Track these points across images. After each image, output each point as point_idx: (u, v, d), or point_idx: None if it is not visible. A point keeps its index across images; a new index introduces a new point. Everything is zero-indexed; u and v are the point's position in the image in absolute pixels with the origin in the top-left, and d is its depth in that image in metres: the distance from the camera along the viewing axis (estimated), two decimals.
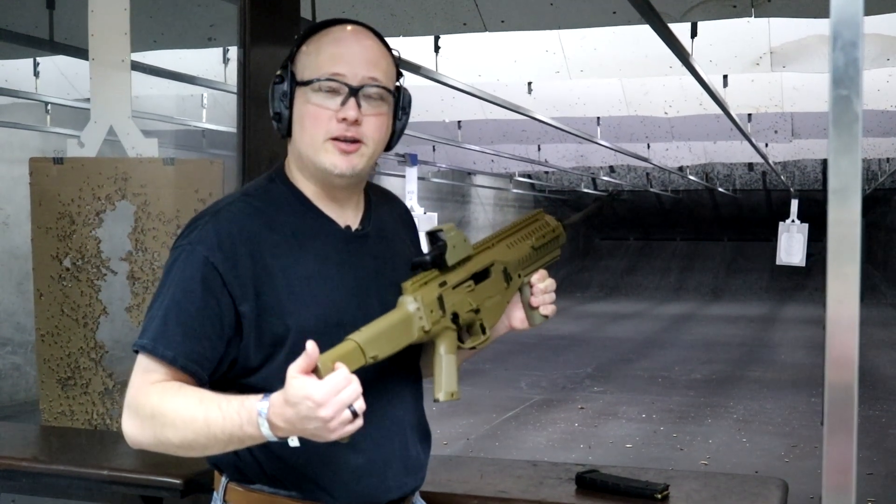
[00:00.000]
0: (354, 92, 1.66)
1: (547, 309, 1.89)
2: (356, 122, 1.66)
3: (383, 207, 1.86)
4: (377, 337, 1.57)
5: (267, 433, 1.49)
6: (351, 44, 1.69)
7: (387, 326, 1.60)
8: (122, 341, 3.49)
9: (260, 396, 1.50)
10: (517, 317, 1.90)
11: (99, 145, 3.59)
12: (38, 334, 3.56)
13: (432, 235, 1.73)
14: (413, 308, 1.65)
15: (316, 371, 1.46)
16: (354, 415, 1.46)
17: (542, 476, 2.63)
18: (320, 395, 1.43)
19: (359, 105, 1.66)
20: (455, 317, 1.72)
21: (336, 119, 1.66)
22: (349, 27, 1.72)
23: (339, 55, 1.67)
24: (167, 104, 8.80)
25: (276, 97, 1.70)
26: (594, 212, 2.08)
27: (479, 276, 1.78)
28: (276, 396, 1.47)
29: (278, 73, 1.72)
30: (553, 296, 1.90)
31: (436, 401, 1.73)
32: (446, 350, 1.71)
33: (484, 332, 1.79)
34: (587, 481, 2.50)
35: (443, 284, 1.71)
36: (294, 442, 1.50)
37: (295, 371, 1.45)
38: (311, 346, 1.45)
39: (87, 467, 2.90)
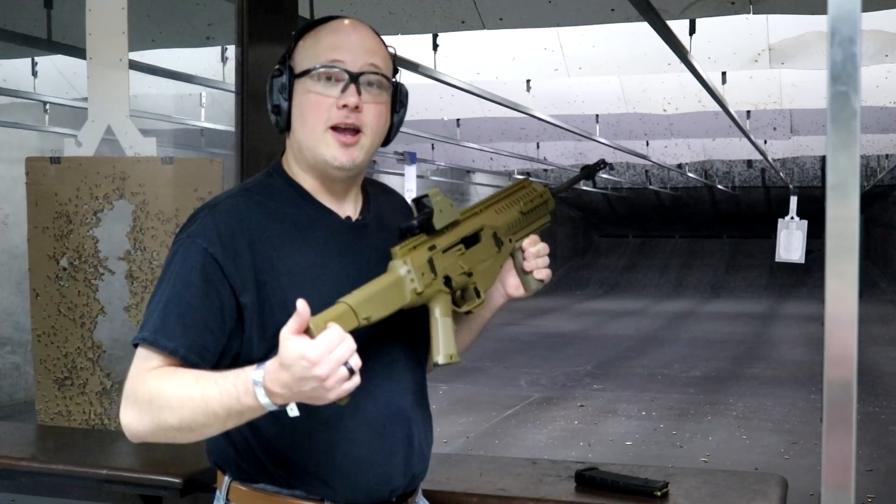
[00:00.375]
0: (355, 78, 1.66)
1: (541, 273, 1.88)
2: (357, 109, 1.66)
3: (382, 199, 1.86)
4: (369, 298, 1.57)
5: (265, 401, 1.47)
6: (349, 33, 1.70)
7: (378, 289, 1.60)
8: (121, 340, 3.49)
9: (255, 366, 1.49)
10: (512, 283, 1.89)
11: (96, 144, 3.59)
12: (34, 334, 3.56)
13: (418, 202, 1.73)
14: (404, 271, 1.65)
15: (308, 332, 1.45)
16: (351, 372, 1.45)
17: (542, 474, 2.63)
18: (314, 353, 1.42)
19: (359, 92, 1.66)
20: (448, 280, 1.72)
21: (337, 106, 1.66)
22: (346, 20, 1.73)
23: (339, 43, 1.68)
24: (166, 103, 8.80)
25: (275, 90, 1.70)
26: (579, 179, 2.08)
27: (470, 241, 1.78)
28: (271, 363, 1.46)
29: (276, 67, 1.72)
30: (547, 260, 1.89)
31: (435, 364, 1.73)
32: (441, 313, 1.71)
33: (479, 295, 1.79)
34: (587, 479, 2.50)
35: (432, 248, 1.71)
36: (294, 411, 1.48)
37: (287, 333, 1.44)
38: (301, 304, 1.44)
39: (86, 466, 2.90)
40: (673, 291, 23.22)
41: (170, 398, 1.55)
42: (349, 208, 1.77)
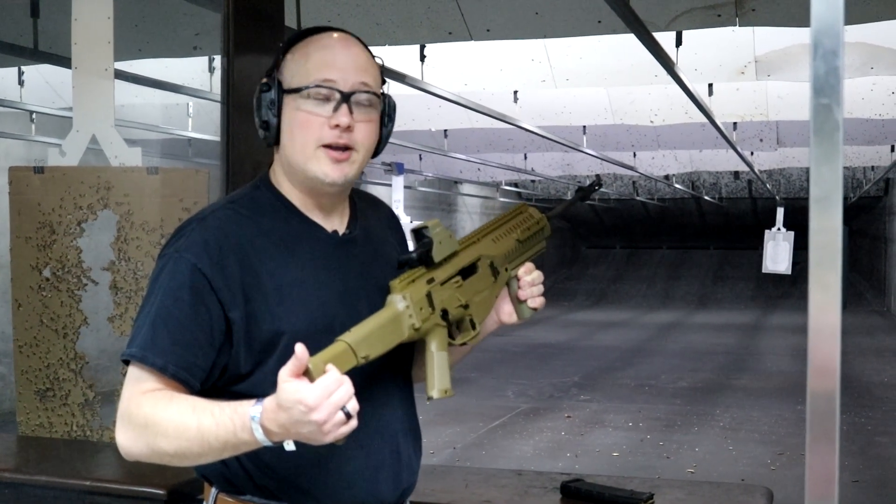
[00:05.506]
0: (346, 98, 1.65)
1: (535, 301, 1.87)
2: (348, 129, 1.65)
3: (369, 211, 1.86)
4: (367, 337, 1.57)
5: (261, 438, 1.48)
6: (340, 50, 1.68)
7: (376, 326, 1.60)
8: (107, 351, 3.47)
9: (253, 402, 1.49)
10: (505, 311, 1.89)
11: (81, 154, 3.58)
12: (16, 345, 3.54)
13: (417, 233, 1.72)
14: (402, 306, 1.65)
15: (307, 373, 1.45)
16: (348, 416, 1.45)
17: (527, 485, 2.63)
18: (312, 398, 1.42)
19: (350, 111, 1.66)
20: (444, 313, 1.72)
21: (328, 126, 1.65)
22: (335, 34, 1.71)
23: (330, 61, 1.66)
24: (153, 113, 8.78)
25: (264, 105, 1.68)
26: (575, 202, 2.07)
27: (467, 272, 1.77)
28: (269, 401, 1.46)
29: (264, 81, 1.70)
30: (541, 288, 1.89)
31: (429, 399, 1.72)
32: (437, 347, 1.71)
33: (474, 327, 1.79)
34: (572, 490, 2.50)
35: (430, 281, 1.70)
36: (290, 446, 1.48)
37: (286, 375, 1.43)
38: (300, 348, 1.43)
39: (69, 478, 2.88)
40: (660, 302, 23.26)
41: (166, 426, 1.54)
42: (336, 222, 1.77)
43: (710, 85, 7.41)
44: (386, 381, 1.75)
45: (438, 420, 8.58)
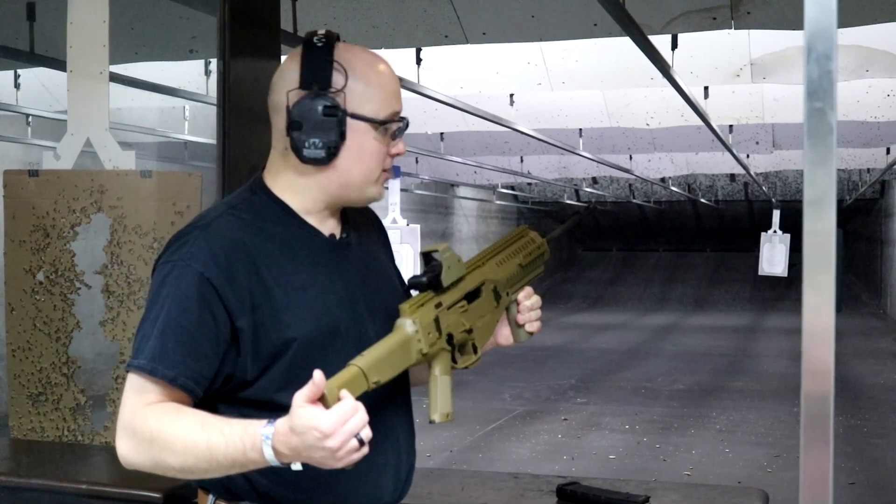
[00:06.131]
0: (406, 127, 1.72)
1: (532, 326, 1.91)
2: None
3: (355, 214, 1.86)
4: (379, 361, 1.58)
5: (271, 459, 1.48)
6: (392, 75, 1.72)
7: (387, 350, 1.61)
8: (100, 355, 3.47)
9: (264, 422, 1.49)
10: (503, 333, 1.91)
11: (75, 157, 3.57)
12: (8, 349, 3.54)
13: (427, 256, 1.74)
14: (412, 330, 1.66)
15: (322, 399, 1.46)
16: (361, 443, 1.47)
17: (523, 488, 2.63)
18: (328, 425, 1.43)
19: None
20: (450, 338, 1.74)
21: (389, 153, 1.71)
22: (374, 55, 1.73)
23: (394, 91, 1.71)
24: (149, 116, 8.77)
25: (331, 128, 1.64)
26: (573, 225, 2.09)
27: (472, 296, 1.79)
28: (282, 424, 1.46)
29: (325, 101, 1.64)
30: (539, 312, 1.92)
31: (431, 422, 1.74)
32: (441, 371, 1.72)
33: (475, 351, 1.81)
34: (568, 493, 2.50)
35: (438, 305, 1.72)
36: (297, 466, 1.49)
37: (301, 400, 1.44)
38: (318, 375, 1.44)
39: (65, 481, 2.88)
40: (656, 305, 23.26)
41: (173, 442, 1.54)
42: (331, 226, 1.77)
43: (706, 88, 7.42)
44: (390, 382, 1.75)
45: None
